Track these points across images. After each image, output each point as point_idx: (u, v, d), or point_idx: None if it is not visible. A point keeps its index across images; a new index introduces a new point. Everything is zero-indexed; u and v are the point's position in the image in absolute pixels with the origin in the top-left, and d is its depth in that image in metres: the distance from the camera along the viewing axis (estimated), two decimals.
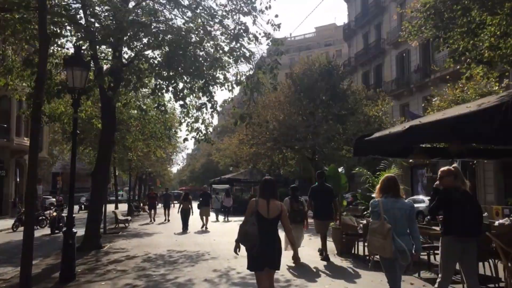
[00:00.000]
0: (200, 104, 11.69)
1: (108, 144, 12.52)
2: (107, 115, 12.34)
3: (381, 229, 4.75)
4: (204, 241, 13.72)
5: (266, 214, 5.00)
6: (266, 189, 5.24)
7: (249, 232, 4.94)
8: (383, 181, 5.16)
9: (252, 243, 4.89)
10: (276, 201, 5.17)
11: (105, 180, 12.50)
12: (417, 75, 30.91)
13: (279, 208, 5.10)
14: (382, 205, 4.89)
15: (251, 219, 5.03)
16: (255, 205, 5.09)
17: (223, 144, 49.98)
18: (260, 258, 4.96)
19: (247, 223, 5.06)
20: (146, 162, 27.15)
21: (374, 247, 4.90)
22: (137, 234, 17.22)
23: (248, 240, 4.95)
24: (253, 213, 5.06)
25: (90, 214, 12.37)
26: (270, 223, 5.01)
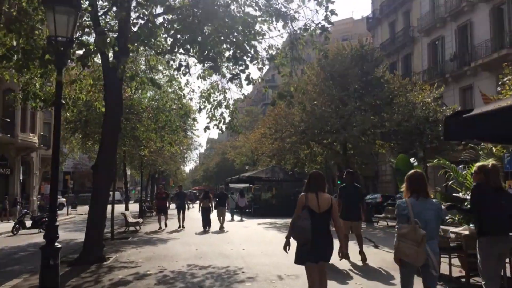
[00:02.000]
0: (232, 75, 8.94)
1: (113, 129, 9.87)
2: (111, 92, 9.72)
3: (413, 235, 4.35)
4: (232, 252, 10.99)
5: (316, 208, 4.91)
6: (314, 182, 5.09)
7: (302, 227, 4.80)
8: (411, 178, 4.65)
9: (306, 238, 4.78)
10: (325, 194, 5.06)
11: (110, 175, 9.85)
12: (453, 64, 27.87)
13: (329, 202, 5.01)
14: (411, 206, 4.47)
15: (303, 214, 4.87)
16: (305, 199, 4.97)
17: (238, 142, 47.38)
18: (313, 252, 4.86)
19: (299, 218, 4.89)
20: (159, 159, 24.51)
21: (404, 255, 4.44)
22: (149, 240, 14.57)
23: (302, 235, 4.84)
24: (304, 208, 4.92)
25: (90, 218, 9.73)
26: (321, 217, 4.92)
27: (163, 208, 19.04)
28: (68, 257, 10.96)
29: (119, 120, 10.09)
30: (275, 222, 20.65)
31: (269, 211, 24.58)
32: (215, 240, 13.85)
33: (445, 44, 29.25)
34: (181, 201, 19.29)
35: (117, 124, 9.92)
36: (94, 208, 9.77)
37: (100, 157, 9.89)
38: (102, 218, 9.82)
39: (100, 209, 9.76)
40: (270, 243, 12.75)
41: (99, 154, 10.00)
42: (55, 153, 6.03)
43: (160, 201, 19.35)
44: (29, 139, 29.79)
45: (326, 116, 19.60)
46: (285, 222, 20.88)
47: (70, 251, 12.61)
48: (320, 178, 5.14)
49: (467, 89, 27.08)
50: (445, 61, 28.93)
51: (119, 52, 8.20)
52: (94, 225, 9.66)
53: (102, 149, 9.91)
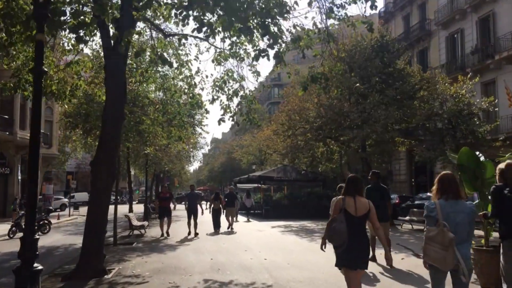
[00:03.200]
0: (258, 51, 7.34)
1: (115, 118, 8.32)
2: (113, 74, 8.16)
3: (440, 238, 4.14)
4: (253, 263, 9.39)
5: (354, 212, 4.79)
6: (352, 186, 4.96)
7: (337, 230, 4.70)
8: (441, 180, 4.44)
9: (341, 241, 4.69)
10: (363, 198, 4.95)
11: (111, 172, 8.28)
12: (474, 57, 26.21)
13: (367, 206, 4.89)
14: (440, 208, 4.25)
15: (339, 217, 4.77)
16: (342, 203, 4.86)
17: (245, 141, 45.86)
18: (350, 257, 4.75)
19: (335, 221, 4.79)
20: (165, 158, 22.92)
21: (431, 258, 4.23)
22: (156, 246, 13.00)
23: (337, 238, 4.73)
24: (340, 211, 4.81)
25: (89, 223, 8.15)
26: (358, 221, 4.81)
27: (166, 211, 15.93)
28: (64, 268, 9.43)
29: (122, 107, 8.54)
30: (290, 225, 19.05)
31: (281, 213, 23.00)
32: (230, 246, 12.26)
33: (465, 37, 27.61)
34: (193, 204, 15.93)
35: (120, 112, 8.37)
36: (93, 212, 8.20)
37: (100, 151, 8.33)
38: (102, 224, 8.24)
39: (100, 213, 8.19)
40: (294, 251, 11.16)
41: (98, 147, 8.44)
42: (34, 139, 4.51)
43: (163, 201, 16.17)
44: (28, 137, 28.30)
45: (346, 110, 17.97)
46: (301, 225, 19.29)
47: (68, 259, 11.08)
48: (358, 182, 5.06)
49: (489, 84, 25.44)
50: (465, 55, 27.29)
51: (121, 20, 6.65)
52: (93, 232, 8.10)
53: (103, 141, 8.34)
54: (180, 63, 11.38)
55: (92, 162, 8.40)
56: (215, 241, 13.75)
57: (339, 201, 4.95)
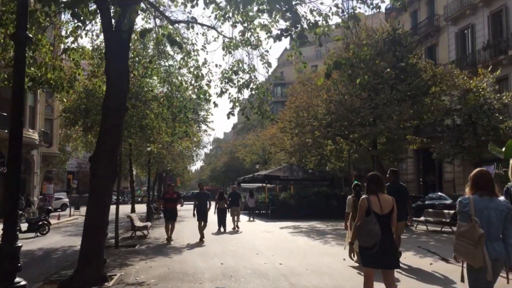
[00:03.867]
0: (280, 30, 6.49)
1: (117, 108, 7.48)
2: (114, 59, 7.33)
3: (471, 234, 4.05)
4: (268, 268, 8.53)
5: (379, 211, 4.76)
6: (374, 184, 4.94)
7: (372, 232, 4.63)
8: (475, 176, 4.32)
9: (374, 242, 4.64)
10: (386, 195, 4.91)
11: (112, 170, 7.43)
12: (485, 53, 25.33)
13: (391, 203, 4.86)
14: (473, 204, 4.13)
15: (370, 218, 4.70)
16: (367, 202, 4.79)
17: (249, 140, 45.02)
18: (383, 258, 4.69)
19: (367, 223, 4.70)
20: (168, 156, 22.07)
21: (461, 253, 4.19)
22: (160, 248, 12.16)
23: (370, 240, 4.66)
24: (368, 212, 4.74)
25: (87, 226, 7.31)
26: (384, 219, 4.75)
27: (172, 213, 13.95)
28: (61, 274, 8.60)
29: (125, 96, 7.69)
30: (298, 226, 18.20)
31: (288, 213, 22.14)
32: (240, 249, 11.41)
33: (476, 33, 26.72)
34: (203, 204, 14.08)
35: (122, 102, 7.53)
36: (92, 213, 7.36)
37: (101, 145, 7.49)
38: (102, 226, 7.40)
39: (100, 214, 7.35)
40: (309, 254, 10.31)
41: (98, 142, 7.60)
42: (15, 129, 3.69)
43: (169, 203, 14.07)
44: (29, 135, 27.43)
45: (358, 106, 17.10)
46: (310, 226, 18.44)
47: (66, 263, 10.24)
48: (380, 179, 5.01)
49: (502, 80, 24.55)
50: (476, 51, 26.41)
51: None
52: (93, 235, 7.26)
53: (103, 135, 7.51)
54: (186, 52, 10.54)
55: (92, 157, 7.56)
56: (222, 243, 12.90)
57: (364, 201, 4.85)
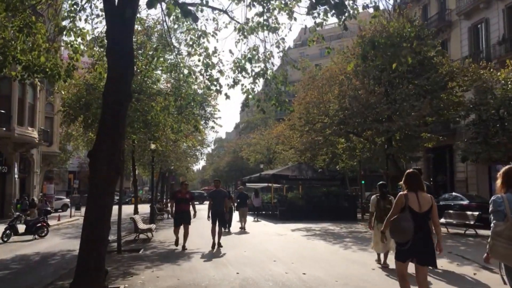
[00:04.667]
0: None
1: (120, 98, 6.40)
2: (116, 38, 6.25)
3: (509, 233, 3.94)
4: (291, 279, 7.44)
5: (417, 208, 4.72)
6: (413, 181, 4.89)
7: (405, 228, 4.61)
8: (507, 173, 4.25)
9: (406, 239, 4.62)
10: (425, 193, 4.88)
11: (114, 166, 6.35)
12: (500, 48, 24.23)
13: (430, 201, 4.83)
14: (507, 202, 4.05)
15: (404, 215, 4.66)
16: (405, 199, 4.74)
17: (253, 139, 43.97)
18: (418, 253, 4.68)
19: (400, 219, 4.67)
20: (172, 155, 21.01)
21: (498, 254, 4.05)
22: (167, 254, 11.08)
23: (402, 237, 4.66)
24: (404, 208, 4.70)
25: (86, 232, 6.22)
26: (422, 217, 4.71)
27: (185, 217, 11.73)
28: (56, 285, 7.56)
29: (129, 82, 6.62)
30: (311, 229, 17.11)
31: (297, 214, 21.05)
32: (254, 255, 10.33)
33: (490, 27, 25.62)
34: (219, 205, 11.85)
35: (126, 88, 6.44)
36: (91, 217, 6.27)
37: (101, 138, 6.41)
38: (103, 231, 6.31)
39: (101, 218, 6.26)
40: (333, 262, 9.23)
41: (99, 134, 6.52)
42: None
43: (181, 204, 11.71)
44: (28, 133, 26.42)
45: (374, 101, 16.01)
46: (322, 228, 17.35)
47: (63, 271, 9.20)
48: (418, 177, 4.95)
49: None
50: (490, 46, 25.33)
51: None
52: (92, 243, 6.17)
53: (104, 127, 6.43)
54: (195, 38, 9.48)
55: (91, 153, 6.48)
56: (233, 247, 11.81)
57: (401, 197, 4.77)
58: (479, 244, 11.76)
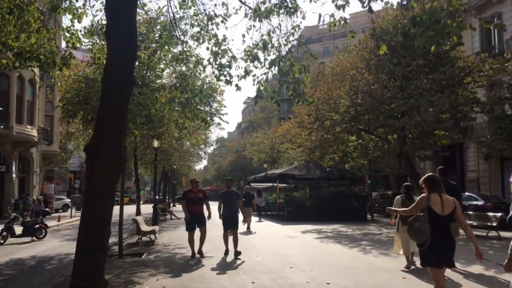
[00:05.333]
0: None
1: (121, 83, 5.53)
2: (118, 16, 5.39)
3: None
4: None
5: (440, 211, 4.64)
6: (436, 183, 4.83)
7: (420, 229, 4.61)
8: None
9: (423, 239, 4.61)
10: (447, 196, 4.80)
11: (114, 165, 5.46)
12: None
13: (453, 204, 4.73)
14: None
15: (422, 216, 4.67)
16: (426, 201, 4.70)
17: (257, 138, 43.07)
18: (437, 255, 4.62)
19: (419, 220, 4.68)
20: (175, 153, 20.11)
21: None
22: (172, 259, 10.19)
23: (419, 237, 4.69)
24: (424, 209, 4.68)
25: (82, 239, 5.33)
26: (444, 219, 4.64)
27: (199, 219, 10.05)
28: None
29: (132, 64, 5.75)
30: (322, 230, 16.22)
31: (304, 215, 20.16)
32: (268, 260, 9.43)
33: (503, 22, 24.71)
34: (230, 207, 10.27)
35: (128, 73, 5.58)
36: (88, 221, 5.39)
37: (101, 130, 5.53)
38: (102, 238, 5.43)
39: (100, 223, 5.38)
40: (356, 269, 8.33)
41: (97, 125, 5.64)
42: None
43: (194, 205, 10.06)
44: (27, 131, 25.56)
45: (389, 96, 15.10)
46: (334, 229, 16.46)
47: (59, 279, 8.30)
48: (437, 180, 4.90)
49: None
50: (503, 41, 24.41)
51: None
52: (89, 252, 5.29)
53: (104, 117, 5.55)
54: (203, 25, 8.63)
55: (88, 147, 5.61)
56: (244, 252, 10.82)
57: (423, 199, 4.73)
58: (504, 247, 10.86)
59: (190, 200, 10.17)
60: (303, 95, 8.29)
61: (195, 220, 10.08)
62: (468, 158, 27.78)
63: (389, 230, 16.45)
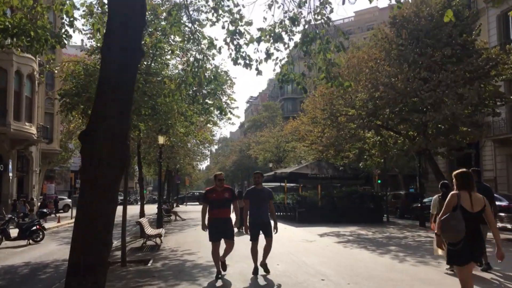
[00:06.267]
0: None
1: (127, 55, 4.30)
2: None
3: None
4: None
5: (470, 208, 4.56)
6: (466, 181, 4.68)
7: (456, 228, 4.48)
8: None
9: (458, 239, 4.48)
10: (478, 194, 4.67)
11: (117, 156, 4.21)
12: None
13: (483, 202, 4.60)
14: None
15: (456, 214, 4.52)
16: (457, 198, 4.58)
17: (262, 137, 41.83)
18: (465, 253, 4.53)
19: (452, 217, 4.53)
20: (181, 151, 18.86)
21: None
22: (182, 267, 8.96)
23: (454, 237, 4.53)
24: (455, 207, 4.56)
25: (76, 251, 4.09)
26: (474, 217, 4.56)
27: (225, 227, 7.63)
28: None
29: (140, 26, 4.53)
30: (339, 233, 14.97)
31: (317, 216, 18.91)
32: (291, 270, 8.19)
33: None
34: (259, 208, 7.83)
35: (136, 35, 4.36)
36: (84, 230, 4.14)
37: (100, 112, 4.30)
38: (102, 251, 4.18)
39: (99, 232, 4.13)
40: (398, 282, 7.09)
41: (95, 107, 4.40)
42: None
43: (219, 209, 7.56)
44: (25, 129, 24.34)
45: (414, 88, 13.84)
46: (352, 232, 15.22)
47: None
48: (470, 177, 4.72)
49: None
50: None
51: None
52: (85, 268, 4.04)
53: (103, 94, 4.32)
54: None
55: (83, 134, 4.37)
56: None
57: (454, 196, 4.62)
58: None
59: (213, 203, 7.53)
60: (336, 78, 7.06)
61: (219, 228, 7.50)
62: (484, 157, 26.55)
63: (412, 233, 15.21)
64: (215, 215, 7.54)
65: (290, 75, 7.46)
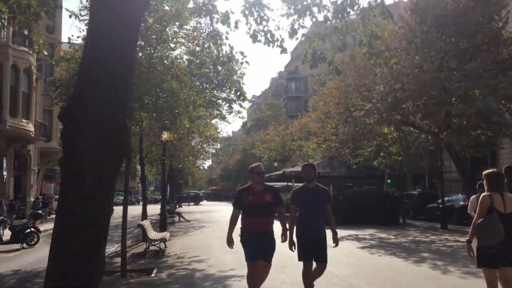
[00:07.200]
0: None
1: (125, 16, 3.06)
2: None
3: None
4: None
5: (503, 209, 4.39)
6: (497, 182, 4.50)
7: (496, 230, 4.27)
8: None
9: (497, 241, 4.29)
10: (509, 194, 4.47)
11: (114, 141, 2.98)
12: None
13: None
14: None
15: (493, 216, 4.33)
16: (490, 200, 4.40)
17: (267, 135, 40.62)
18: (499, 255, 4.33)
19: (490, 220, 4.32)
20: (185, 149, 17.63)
21: None
22: (191, 277, 7.72)
23: (492, 239, 4.32)
24: (490, 210, 4.37)
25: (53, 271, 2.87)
26: (507, 219, 4.37)
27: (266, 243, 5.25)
28: None
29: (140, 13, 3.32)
30: (358, 236, 13.73)
31: None
32: (322, 283, 6.94)
33: None
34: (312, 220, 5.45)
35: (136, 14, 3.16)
36: (64, 243, 2.92)
37: (86, 82, 3.07)
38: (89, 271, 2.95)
39: (84, 245, 2.90)
40: None
41: (81, 74, 3.18)
42: None
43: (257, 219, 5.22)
44: (22, 126, 23.12)
45: (442, 78, 12.60)
46: (371, 235, 14.01)
47: None
48: (501, 177, 4.60)
49: None
50: None
51: None
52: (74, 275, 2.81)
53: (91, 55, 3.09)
54: None
55: (66, 112, 3.14)
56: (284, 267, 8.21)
57: (486, 198, 4.41)
58: None
59: (250, 208, 5.23)
60: (381, 53, 5.84)
61: (257, 244, 5.17)
62: (501, 156, 25.30)
63: (437, 236, 13.98)
64: (251, 226, 5.20)
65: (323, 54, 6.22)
